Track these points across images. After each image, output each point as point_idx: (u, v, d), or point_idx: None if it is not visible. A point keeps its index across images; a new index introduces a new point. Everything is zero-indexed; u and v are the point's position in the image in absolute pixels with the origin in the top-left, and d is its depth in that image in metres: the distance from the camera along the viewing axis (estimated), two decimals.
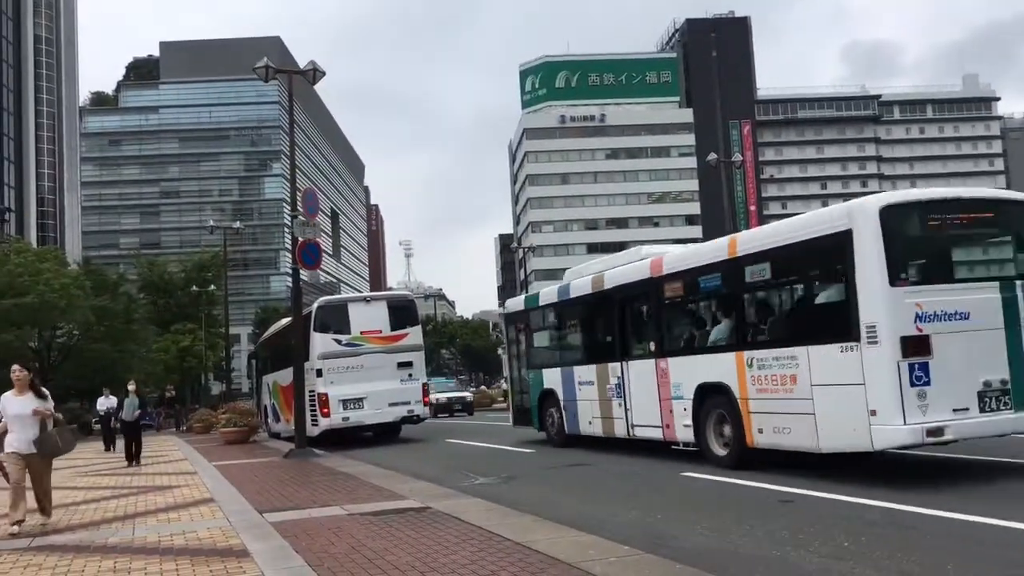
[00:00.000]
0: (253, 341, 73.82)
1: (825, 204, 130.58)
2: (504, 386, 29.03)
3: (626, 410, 13.04)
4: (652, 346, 12.47)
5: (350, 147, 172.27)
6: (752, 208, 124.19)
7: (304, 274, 19.49)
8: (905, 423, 8.31)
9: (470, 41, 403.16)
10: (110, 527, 8.54)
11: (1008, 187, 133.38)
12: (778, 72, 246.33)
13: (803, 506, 7.91)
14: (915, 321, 8.49)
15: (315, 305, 19.94)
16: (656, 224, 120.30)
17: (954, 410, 8.46)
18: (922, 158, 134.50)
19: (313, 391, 18.70)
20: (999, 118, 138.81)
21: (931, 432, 8.32)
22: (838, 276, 9.24)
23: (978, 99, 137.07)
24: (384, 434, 20.08)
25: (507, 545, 6.31)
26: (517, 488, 10.46)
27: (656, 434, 12.33)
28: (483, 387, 67.84)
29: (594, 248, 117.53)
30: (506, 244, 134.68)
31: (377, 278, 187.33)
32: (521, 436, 17.06)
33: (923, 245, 9.34)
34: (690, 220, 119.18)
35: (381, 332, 19.50)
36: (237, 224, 49.41)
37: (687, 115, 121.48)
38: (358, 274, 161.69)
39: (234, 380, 60.04)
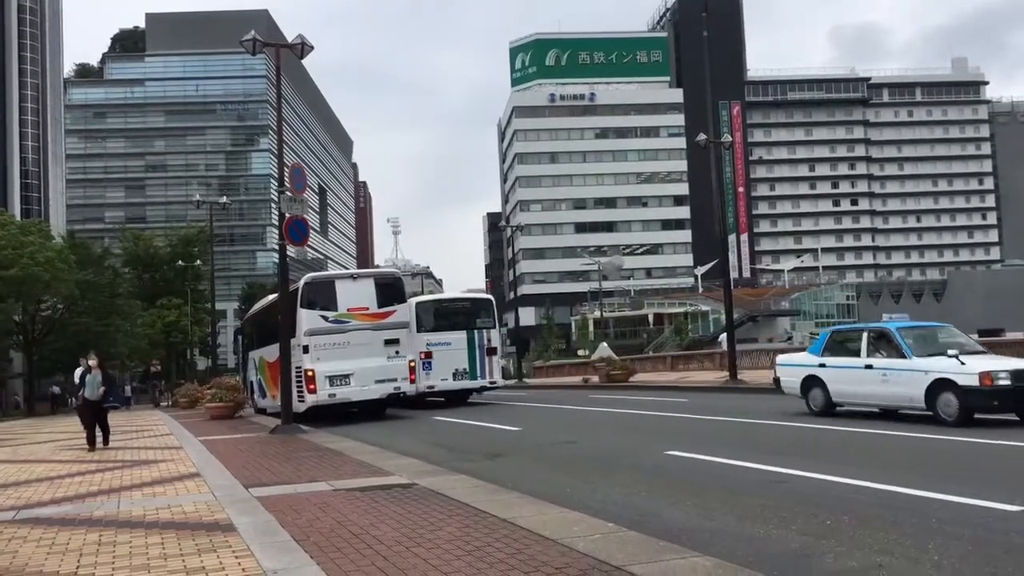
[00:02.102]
0: (239, 317, 73.59)
1: (813, 187, 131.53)
2: None
3: None
4: None
5: (338, 123, 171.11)
6: (740, 189, 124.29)
7: (291, 250, 19.41)
8: (420, 385, 20.61)
9: (461, 17, 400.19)
10: (95, 500, 8.51)
11: (995, 171, 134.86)
12: (768, 54, 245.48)
13: (790, 486, 7.98)
14: (426, 346, 21.82)
15: (302, 281, 19.83)
16: (644, 204, 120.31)
17: (441, 379, 22.06)
18: (910, 141, 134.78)
19: (300, 367, 18.65)
20: (987, 102, 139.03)
21: (429, 387, 21.71)
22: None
23: (967, 83, 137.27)
24: (370, 411, 20.10)
25: (492, 521, 6.33)
26: (503, 465, 10.51)
27: None
28: None
29: (582, 227, 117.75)
30: (494, 223, 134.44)
31: (365, 255, 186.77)
32: (509, 417, 17.10)
33: (432, 316, 22.77)
34: (678, 200, 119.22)
35: (368, 309, 19.44)
36: (223, 199, 48.88)
37: (677, 95, 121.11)
38: (345, 251, 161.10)
39: (220, 355, 59.88)
